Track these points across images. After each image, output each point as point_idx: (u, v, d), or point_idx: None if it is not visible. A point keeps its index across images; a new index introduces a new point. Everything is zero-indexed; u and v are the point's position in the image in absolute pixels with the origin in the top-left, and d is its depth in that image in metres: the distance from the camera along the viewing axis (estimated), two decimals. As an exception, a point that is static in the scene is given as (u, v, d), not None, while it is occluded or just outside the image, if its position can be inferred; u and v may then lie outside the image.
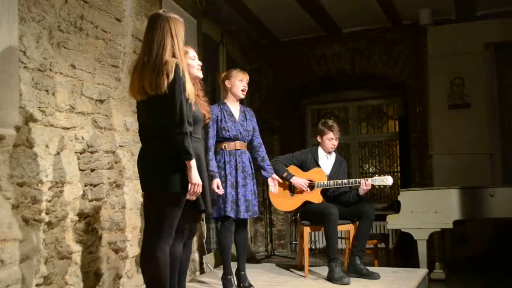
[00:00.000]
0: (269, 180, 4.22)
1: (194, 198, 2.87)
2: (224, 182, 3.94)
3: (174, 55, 2.82)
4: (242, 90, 4.10)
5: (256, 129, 4.19)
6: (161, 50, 2.80)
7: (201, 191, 2.85)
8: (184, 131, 2.73)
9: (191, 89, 2.85)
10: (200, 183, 2.82)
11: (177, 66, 2.76)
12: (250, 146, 4.19)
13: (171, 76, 2.73)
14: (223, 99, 4.22)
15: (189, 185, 2.79)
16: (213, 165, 3.92)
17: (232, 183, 3.96)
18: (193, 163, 2.77)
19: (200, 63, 3.44)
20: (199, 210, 3.17)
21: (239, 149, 4.03)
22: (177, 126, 2.73)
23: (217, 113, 4.03)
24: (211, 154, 3.97)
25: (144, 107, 2.89)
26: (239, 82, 4.09)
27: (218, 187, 3.86)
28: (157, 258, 2.79)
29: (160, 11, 2.97)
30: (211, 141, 4.00)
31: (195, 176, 2.78)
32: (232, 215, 3.93)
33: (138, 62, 2.90)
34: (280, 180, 4.29)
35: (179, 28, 2.89)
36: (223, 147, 4.01)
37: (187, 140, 2.73)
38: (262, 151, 4.18)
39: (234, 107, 4.12)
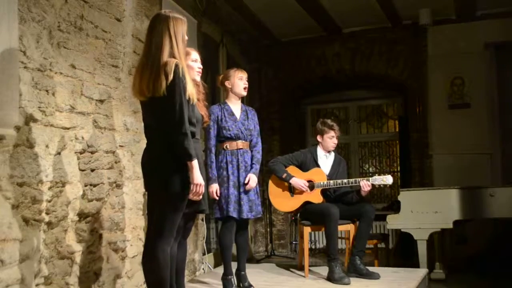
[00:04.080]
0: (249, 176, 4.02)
1: (199, 198, 2.85)
2: (227, 182, 3.92)
3: (173, 56, 2.79)
4: (244, 88, 4.07)
5: (257, 128, 4.17)
6: (159, 51, 2.77)
7: (203, 191, 2.83)
8: (184, 132, 2.71)
9: (192, 90, 2.82)
10: (203, 183, 2.80)
11: (176, 66, 2.72)
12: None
13: (170, 77, 2.70)
14: (225, 99, 4.19)
15: (191, 185, 2.77)
16: (213, 168, 3.91)
17: (235, 183, 3.94)
18: (195, 163, 2.75)
19: (201, 67, 3.39)
20: (199, 211, 3.17)
21: (241, 149, 4.00)
22: (177, 127, 2.71)
23: (218, 113, 4.00)
24: (213, 156, 3.95)
25: (146, 108, 2.90)
26: (239, 81, 4.05)
27: (216, 193, 3.85)
28: (158, 258, 2.79)
29: (162, 11, 2.96)
30: (212, 142, 3.97)
31: (196, 176, 2.76)
32: (235, 215, 3.91)
33: (139, 63, 2.90)
34: (252, 184, 4.01)
35: (178, 28, 2.84)
36: (224, 147, 3.98)
37: (187, 141, 2.71)
38: (255, 150, 4.09)
39: (235, 106, 4.09)
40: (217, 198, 3.88)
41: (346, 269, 4.44)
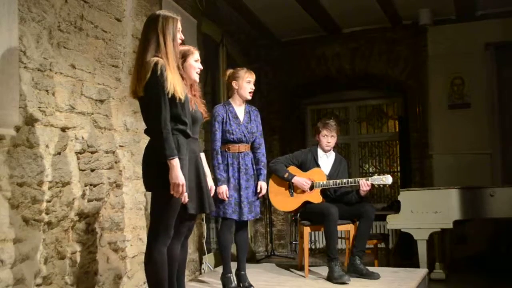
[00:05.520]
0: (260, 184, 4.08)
1: (182, 197, 2.78)
2: (227, 185, 3.92)
3: (158, 54, 2.78)
4: (250, 92, 4.04)
5: (260, 129, 4.14)
6: (143, 51, 2.80)
7: (184, 191, 2.73)
8: (161, 131, 2.69)
9: (178, 88, 2.76)
10: (182, 182, 2.70)
11: (155, 65, 2.71)
12: (251, 146, 4.13)
13: (148, 76, 2.71)
14: (228, 98, 4.15)
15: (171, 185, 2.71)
16: (221, 169, 3.91)
17: (235, 185, 3.93)
18: (174, 162, 2.69)
19: (201, 67, 3.36)
20: (199, 211, 3.15)
21: (243, 152, 3.99)
22: (154, 126, 2.73)
23: (223, 114, 3.97)
24: (219, 157, 3.93)
25: (139, 107, 2.93)
26: (247, 84, 4.01)
27: (225, 194, 3.85)
28: (155, 259, 2.79)
29: (155, 12, 2.96)
30: (218, 144, 3.95)
31: (175, 175, 2.68)
32: (235, 217, 3.92)
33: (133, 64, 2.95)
34: (264, 191, 4.10)
35: (168, 26, 2.82)
36: (226, 149, 3.97)
37: (163, 139, 2.68)
38: (260, 153, 4.09)
39: (239, 108, 4.06)
40: (226, 199, 3.88)
41: (346, 269, 4.44)
